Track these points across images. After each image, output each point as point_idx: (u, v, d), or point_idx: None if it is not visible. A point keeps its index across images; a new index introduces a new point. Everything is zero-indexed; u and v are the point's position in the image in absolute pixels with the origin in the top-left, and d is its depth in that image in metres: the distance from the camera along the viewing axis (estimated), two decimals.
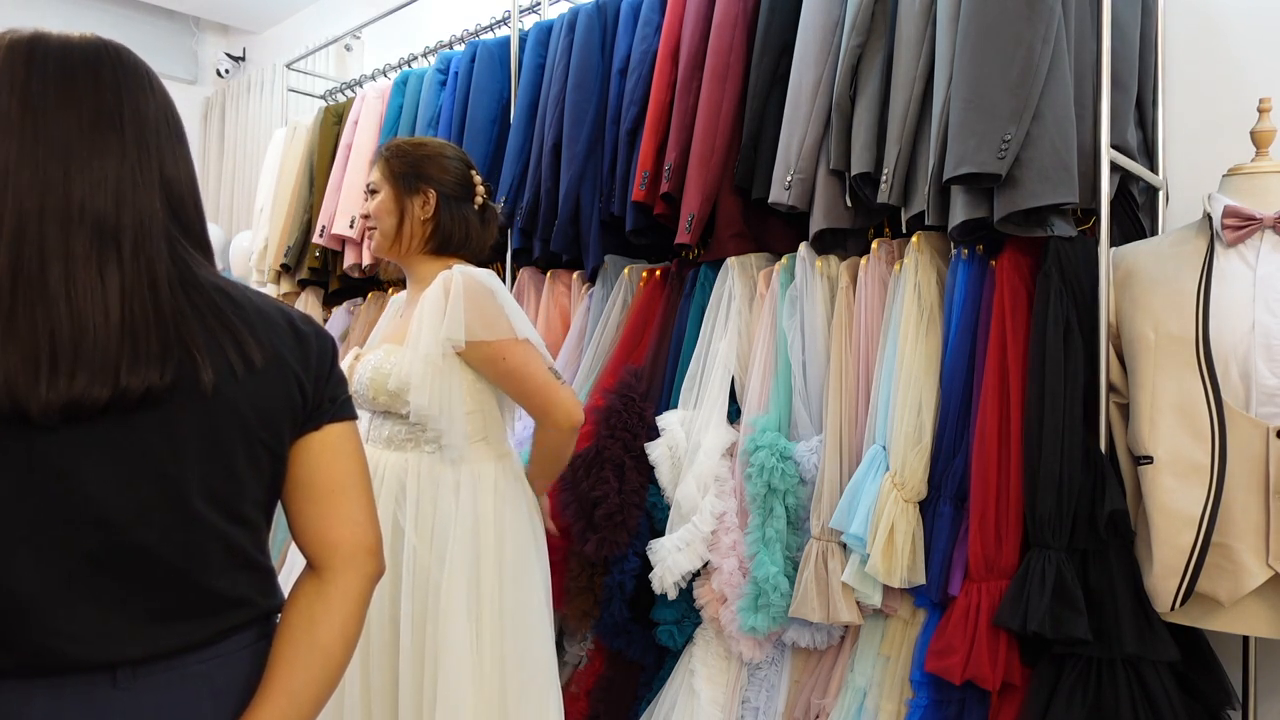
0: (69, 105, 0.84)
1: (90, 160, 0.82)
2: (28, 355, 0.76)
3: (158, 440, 0.82)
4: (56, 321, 0.77)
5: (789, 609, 1.88)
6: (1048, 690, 1.59)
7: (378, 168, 1.80)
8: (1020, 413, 1.69)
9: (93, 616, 0.81)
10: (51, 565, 0.79)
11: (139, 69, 0.91)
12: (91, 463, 0.79)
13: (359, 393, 1.71)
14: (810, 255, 2.02)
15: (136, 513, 0.81)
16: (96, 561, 0.80)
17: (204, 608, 0.87)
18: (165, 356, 0.81)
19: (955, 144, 1.65)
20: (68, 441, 0.78)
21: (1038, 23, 1.60)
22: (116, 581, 0.82)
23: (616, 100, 2.35)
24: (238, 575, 0.90)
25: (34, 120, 0.82)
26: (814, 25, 1.96)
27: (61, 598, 0.79)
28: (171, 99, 0.94)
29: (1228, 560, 1.48)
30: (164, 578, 0.84)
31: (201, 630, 0.87)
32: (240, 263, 3.93)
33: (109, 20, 4.69)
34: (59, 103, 0.83)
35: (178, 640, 0.85)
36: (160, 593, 0.84)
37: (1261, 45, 1.91)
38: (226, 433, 0.86)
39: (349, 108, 3.26)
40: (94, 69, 0.87)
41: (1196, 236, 1.62)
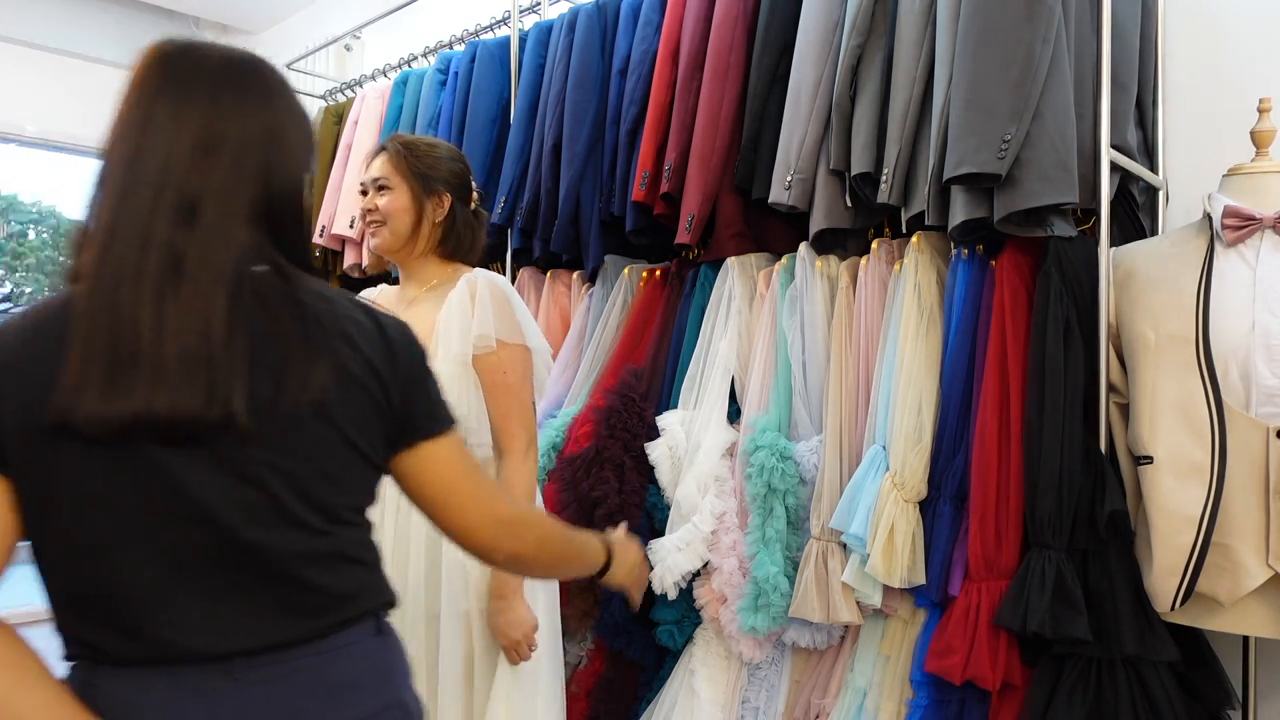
0: (179, 120, 0.86)
1: (188, 175, 0.85)
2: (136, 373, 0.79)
3: (260, 451, 0.85)
4: (165, 339, 0.80)
5: (789, 609, 1.88)
6: (1048, 690, 1.59)
7: (388, 162, 1.74)
8: (1020, 412, 1.69)
9: (207, 611, 0.85)
10: (167, 562, 0.83)
11: (263, 84, 0.92)
12: (201, 470, 0.83)
13: None
14: (810, 255, 2.02)
15: (245, 516, 0.85)
16: (209, 559, 0.85)
17: (313, 604, 0.90)
18: (263, 374, 0.84)
19: (955, 144, 1.65)
20: (179, 451, 0.82)
21: (1038, 23, 1.60)
22: (229, 578, 0.86)
23: (616, 100, 2.35)
24: (344, 572, 0.93)
25: (141, 132, 0.85)
26: (814, 25, 1.96)
27: (177, 593, 0.84)
28: (298, 112, 0.95)
29: (1228, 560, 1.48)
30: (273, 575, 0.87)
31: (311, 625, 0.90)
32: None
33: (109, 20, 4.69)
34: (170, 116, 0.86)
35: (288, 634, 0.88)
36: (271, 589, 0.88)
37: (1261, 45, 1.91)
38: (323, 443, 0.89)
39: (349, 108, 3.26)
40: (216, 87, 0.89)
41: (1196, 236, 1.62)
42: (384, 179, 1.74)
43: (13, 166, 8.81)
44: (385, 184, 1.73)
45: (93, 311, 0.80)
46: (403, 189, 1.73)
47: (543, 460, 2.20)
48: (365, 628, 0.95)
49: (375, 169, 1.75)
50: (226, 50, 0.92)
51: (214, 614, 0.85)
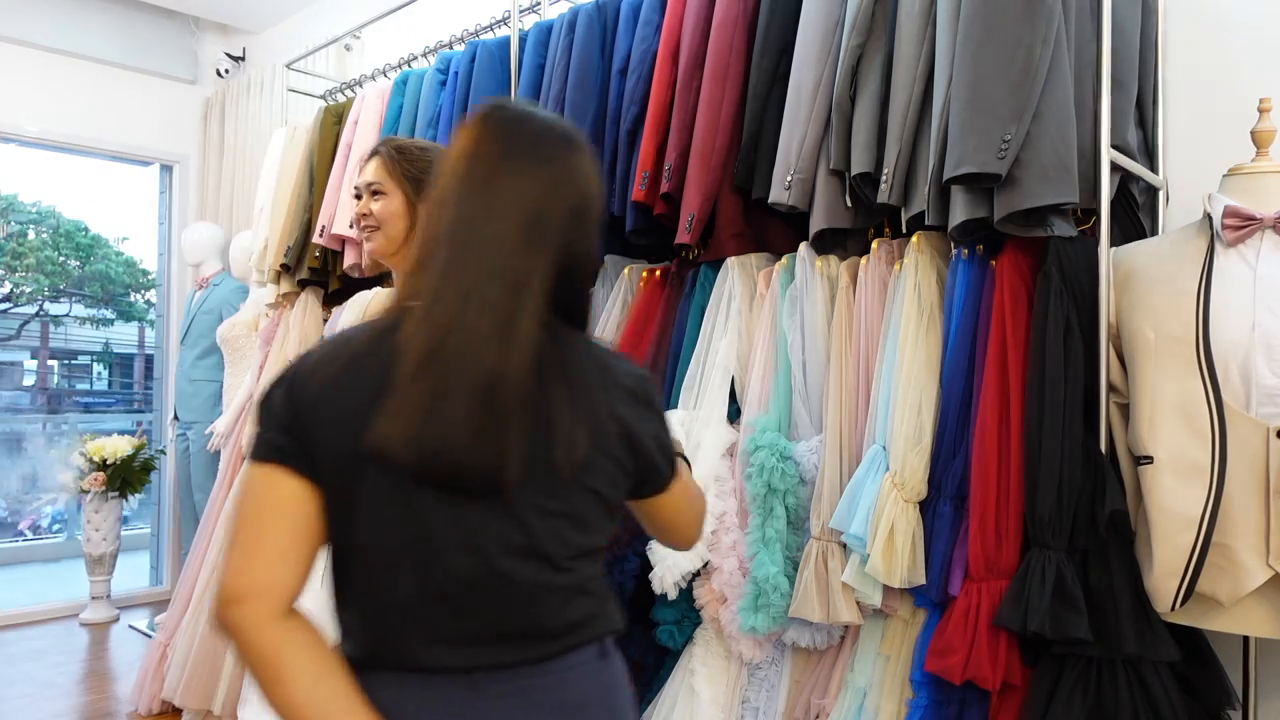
0: (511, 195, 0.95)
1: (518, 250, 0.93)
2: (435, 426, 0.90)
3: (526, 495, 0.94)
4: (474, 396, 0.90)
5: (789, 609, 1.88)
6: (1048, 690, 1.59)
7: (381, 167, 1.75)
8: (1020, 413, 1.69)
9: (458, 628, 0.95)
10: (432, 581, 0.93)
11: (583, 157, 1.00)
12: (475, 505, 0.93)
13: None
14: (810, 255, 2.02)
15: (502, 548, 0.94)
16: (466, 582, 0.94)
17: (549, 629, 0.98)
18: (537, 433, 0.94)
19: (955, 144, 1.65)
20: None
21: (1038, 23, 1.60)
22: (480, 601, 0.95)
23: (616, 100, 2.35)
24: (579, 603, 1.00)
25: (478, 198, 0.94)
26: (814, 25, 1.96)
27: (435, 609, 0.94)
28: (598, 180, 1.02)
29: (1228, 560, 1.48)
30: (518, 601, 0.96)
31: (545, 648, 0.98)
32: (240, 263, 3.93)
33: (109, 20, 4.69)
34: (505, 190, 0.95)
35: (525, 655, 0.97)
36: (514, 614, 0.96)
37: (1261, 45, 1.91)
38: (578, 494, 0.98)
39: (349, 108, 3.26)
40: (543, 162, 0.97)
41: (1196, 236, 1.62)
42: (377, 183, 1.74)
43: (13, 166, 8.81)
44: (379, 188, 1.74)
45: (421, 360, 0.90)
46: (396, 193, 1.73)
47: None
48: (591, 651, 1.02)
49: (368, 173, 1.76)
50: (548, 121, 1.00)
51: (463, 631, 0.95)
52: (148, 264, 8.54)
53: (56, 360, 9.89)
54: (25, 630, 4.26)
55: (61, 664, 3.77)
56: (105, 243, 9.17)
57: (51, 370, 9.94)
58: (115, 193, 9.14)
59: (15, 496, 8.00)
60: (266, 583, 0.91)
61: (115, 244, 9.24)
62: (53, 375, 9.98)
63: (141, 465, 4.40)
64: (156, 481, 4.89)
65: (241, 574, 0.91)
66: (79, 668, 3.74)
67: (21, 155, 5.16)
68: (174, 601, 3.30)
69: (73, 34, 4.59)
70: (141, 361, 9.90)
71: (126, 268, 9.27)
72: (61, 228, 8.97)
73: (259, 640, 0.90)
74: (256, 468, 0.95)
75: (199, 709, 2.97)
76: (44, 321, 9.40)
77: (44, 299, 9.17)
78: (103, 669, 3.75)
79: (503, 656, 0.96)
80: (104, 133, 4.73)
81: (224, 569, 0.92)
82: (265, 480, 0.94)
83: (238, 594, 0.90)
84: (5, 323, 9.16)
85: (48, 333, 9.51)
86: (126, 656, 3.88)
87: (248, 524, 0.93)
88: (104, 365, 10.33)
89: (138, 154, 4.90)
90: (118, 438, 4.37)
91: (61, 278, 9.13)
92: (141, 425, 5.42)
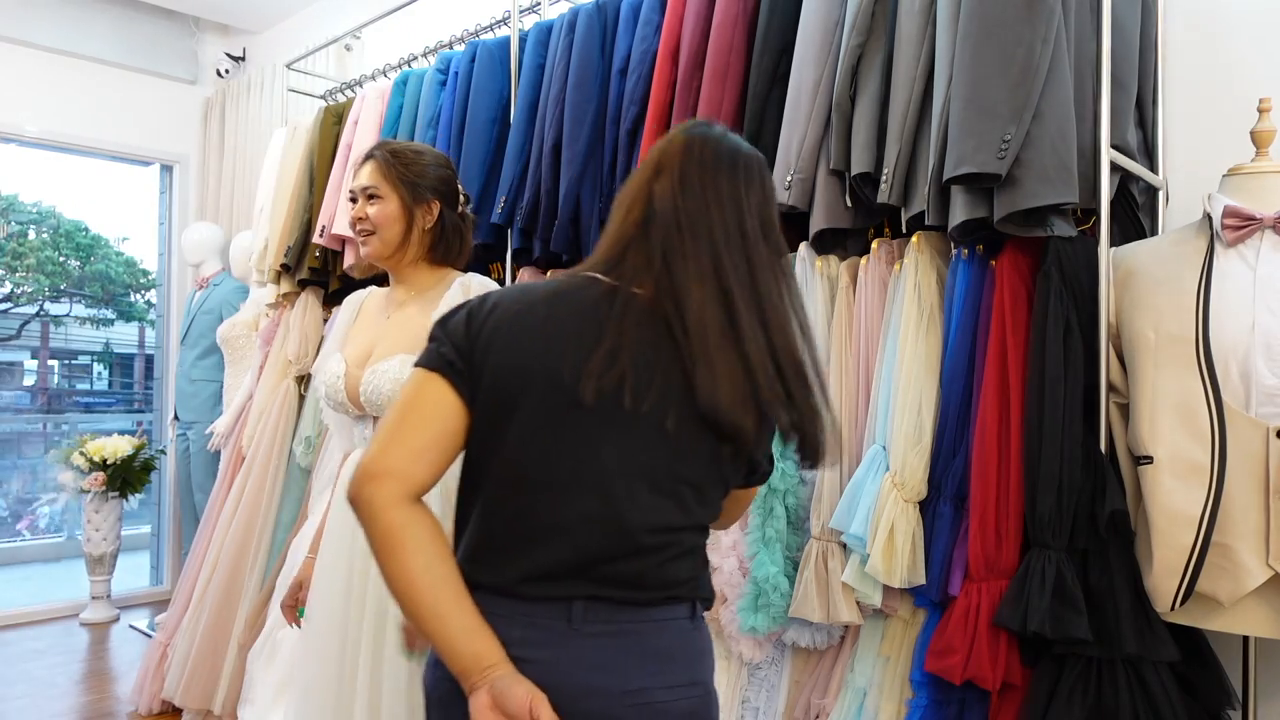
0: (745, 200, 1.12)
1: (753, 249, 1.10)
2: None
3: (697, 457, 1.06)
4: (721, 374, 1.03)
5: (789, 609, 1.88)
6: (1048, 690, 1.59)
7: (375, 171, 1.76)
8: (1020, 413, 1.69)
9: (573, 561, 1.02)
10: (560, 514, 1.02)
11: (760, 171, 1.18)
12: (630, 448, 1.04)
13: (374, 403, 1.69)
14: (810, 255, 2.02)
15: (632, 499, 1.03)
16: (592, 521, 1.02)
17: (653, 578, 1.05)
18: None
19: (955, 144, 1.65)
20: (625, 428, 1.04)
21: (1038, 22, 1.60)
22: (598, 540, 1.02)
23: (616, 100, 2.35)
24: (684, 562, 1.07)
25: (709, 198, 1.08)
26: (814, 25, 1.96)
27: (556, 541, 1.02)
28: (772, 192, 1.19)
29: (1228, 560, 1.48)
30: (632, 547, 1.03)
31: (647, 595, 1.05)
32: (240, 263, 3.93)
33: (109, 20, 4.69)
34: (732, 195, 1.11)
35: (628, 598, 1.04)
36: (627, 557, 1.03)
37: (1261, 45, 1.91)
38: (714, 469, 1.08)
39: (349, 108, 3.26)
40: (759, 178, 1.17)
41: (1196, 236, 1.62)
42: (373, 188, 1.75)
43: (13, 166, 8.82)
44: (375, 193, 1.75)
45: (644, 324, 1.03)
46: (392, 198, 1.74)
47: None
48: (683, 610, 1.08)
49: (364, 177, 1.77)
50: (739, 141, 1.18)
51: (574, 566, 1.02)
52: (148, 264, 8.54)
53: (57, 360, 9.89)
54: (25, 630, 4.26)
55: (61, 664, 3.77)
56: (105, 243, 9.18)
57: (52, 370, 9.95)
58: (115, 193, 9.14)
59: (15, 496, 8.00)
60: (401, 469, 1.00)
61: (115, 244, 9.24)
62: (53, 375, 9.99)
63: (141, 465, 4.40)
64: (156, 481, 4.89)
65: (382, 456, 1.00)
66: (79, 668, 3.74)
67: (21, 155, 5.15)
68: (174, 601, 3.30)
69: (73, 34, 4.59)
70: (141, 361, 9.90)
71: (126, 268, 9.27)
72: (62, 228, 8.97)
73: (385, 516, 0.98)
74: (423, 373, 1.05)
75: (199, 709, 2.97)
76: (44, 321, 9.41)
77: (44, 299, 9.17)
78: (103, 669, 3.75)
79: (600, 591, 1.02)
80: (104, 133, 4.73)
81: (368, 451, 1.02)
82: (427, 385, 1.04)
83: (375, 472, 0.99)
84: (5, 323, 9.17)
85: (48, 333, 9.52)
86: (126, 656, 3.88)
87: (401, 417, 1.03)
88: (104, 365, 10.33)
89: (138, 154, 4.90)
90: (118, 438, 4.37)
91: (62, 278, 9.13)
92: (141, 425, 5.42)
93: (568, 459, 1.02)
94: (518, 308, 1.06)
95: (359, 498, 0.99)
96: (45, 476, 7.27)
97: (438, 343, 1.07)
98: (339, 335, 1.87)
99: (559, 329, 1.03)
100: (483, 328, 1.05)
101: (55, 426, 8.02)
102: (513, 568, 1.02)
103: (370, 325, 1.84)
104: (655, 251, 1.06)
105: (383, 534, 0.98)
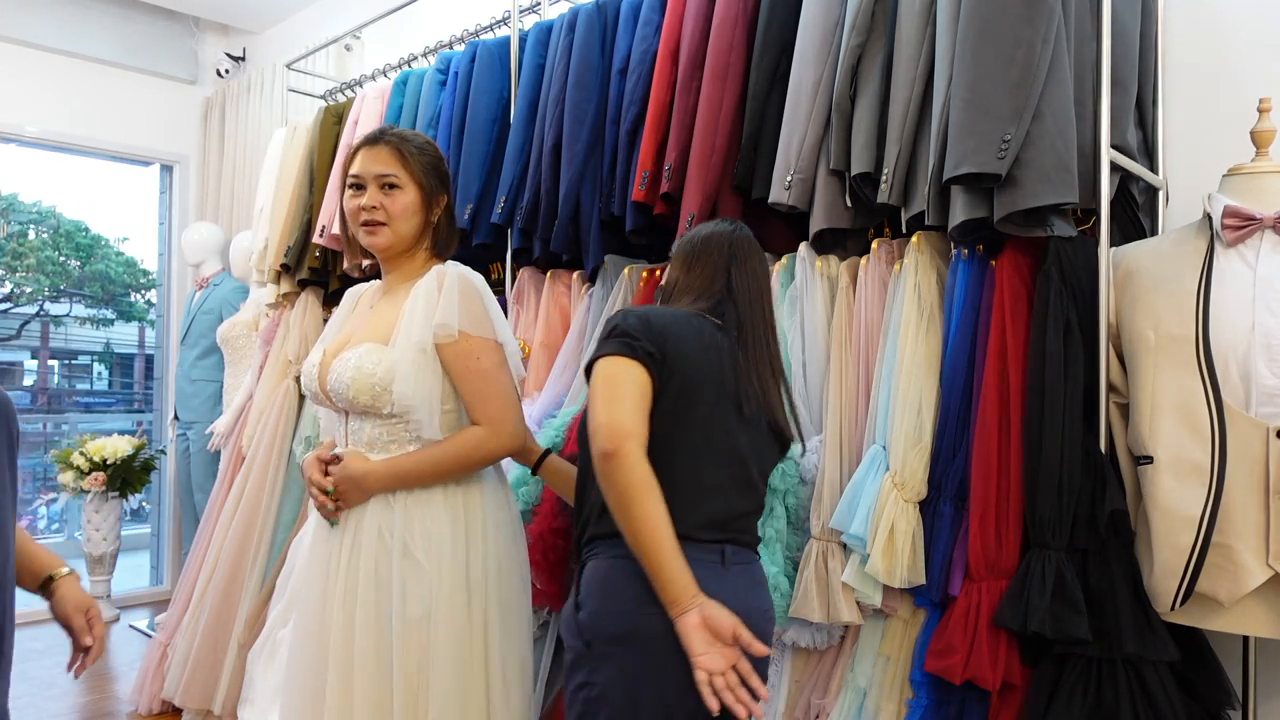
0: (761, 273, 1.60)
1: (768, 307, 1.59)
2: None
3: (766, 448, 1.53)
4: (768, 391, 1.52)
5: (789, 609, 1.88)
6: (1048, 690, 1.59)
7: (393, 158, 1.65)
8: (1020, 413, 1.69)
9: (728, 512, 1.41)
10: (725, 477, 1.41)
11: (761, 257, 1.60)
12: (757, 440, 1.49)
13: (337, 392, 1.64)
14: (810, 255, 2.02)
15: (760, 470, 1.49)
16: (740, 484, 1.44)
17: (756, 529, 1.50)
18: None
19: (955, 144, 1.65)
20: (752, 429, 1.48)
21: (1038, 23, 1.60)
22: (742, 497, 1.44)
23: (616, 100, 2.35)
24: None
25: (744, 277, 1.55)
26: (814, 25, 1.96)
27: (721, 497, 1.40)
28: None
29: (1228, 560, 1.48)
30: (756, 506, 1.49)
31: (755, 540, 1.49)
32: (240, 263, 3.93)
33: (109, 20, 4.69)
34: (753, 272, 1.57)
35: (751, 543, 1.47)
36: (752, 513, 1.48)
37: (1261, 45, 1.91)
38: (774, 456, 1.58)
39: (349, 108, 3.26)
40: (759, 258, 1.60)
41: (1196, 236, 1.62)
42: (392, 175, 1.65)
43: (13, 166, 8.82)
44: (394, 181, 1.65)
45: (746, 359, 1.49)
46: (412, 188, 1.66)
47: None
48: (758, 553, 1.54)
49: (379, 163, 1.65)
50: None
51: (728, 516, 1.40)
52: (148, 264, 8.54)
53: (57, 360, 9.90)
54: (25, 630, 4.26)
55: (61, 664, 3.76)
56: (105, 243, 9.18)
57: (52, 370, 9.95)
58: (115, 193, 9.15)
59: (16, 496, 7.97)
60: (640, 431, 1.31)
61: (115, 244, 9.25)
62: (53, 375, 9.99)
63: (141, 465, 4.40)
64: (156, 481, 4.89)
65: (625, 419, 1.29)
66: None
67: (21, 155, 5.15)
68: (174, 601, 3.30)
69: (73, 34, 4.59)
70: (141, 361, 9.91)
71: (126, 268, 9.27)
72: (62, 228, 8.97)
73: (640, 468, 1.28)
74: (622, 360, 1.35)
75: (199, 709, 2.97)
76: (44, 321, 9.41)
77: (44, 299, 9.17)
78: (103, 669, 3.75)
79: (743, 540, 1.43)
80: (104, 133, 4.73)
81: (604, 419, 1.30)
82: (630, 368, 1.34)
83: (628, 431, 1.28)
84: (5, 323, 9.17)
85: (48, 333, 9.52)
86: (126, 656, 3.89)
87: (620, 392, 1.33)
88: (104, 365, 10.34)
89: (138, 154, 4.91)
90: (118, 438, 4.37)
91: (62, 278, 9.14)
92: (141, 425, 5.42)
93: (726, 441, 1.41)
94: (679, 329, 1.41)
95: (619, 451, 1.26)
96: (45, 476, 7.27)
97: (624, 336, 1.36)
98: (330, 328, 1.84)
99: (719, 352, 1.43)
100: (664, 335, 1.38)
101: (55, 426, 8.02)
102: (691, 518, 1.34)
103: (355, 317, 1.80)
104: (738, 309, 1.51)
105: (638, 483, 1.26)
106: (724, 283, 1.51)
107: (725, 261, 1.53)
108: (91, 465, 4.25)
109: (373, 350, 1.63)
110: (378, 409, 1.62)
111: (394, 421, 1.64)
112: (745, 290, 1.51)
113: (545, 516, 2.12)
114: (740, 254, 1.54)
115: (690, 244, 1.57)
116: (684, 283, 1.54)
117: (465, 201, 2.63)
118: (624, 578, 1.33)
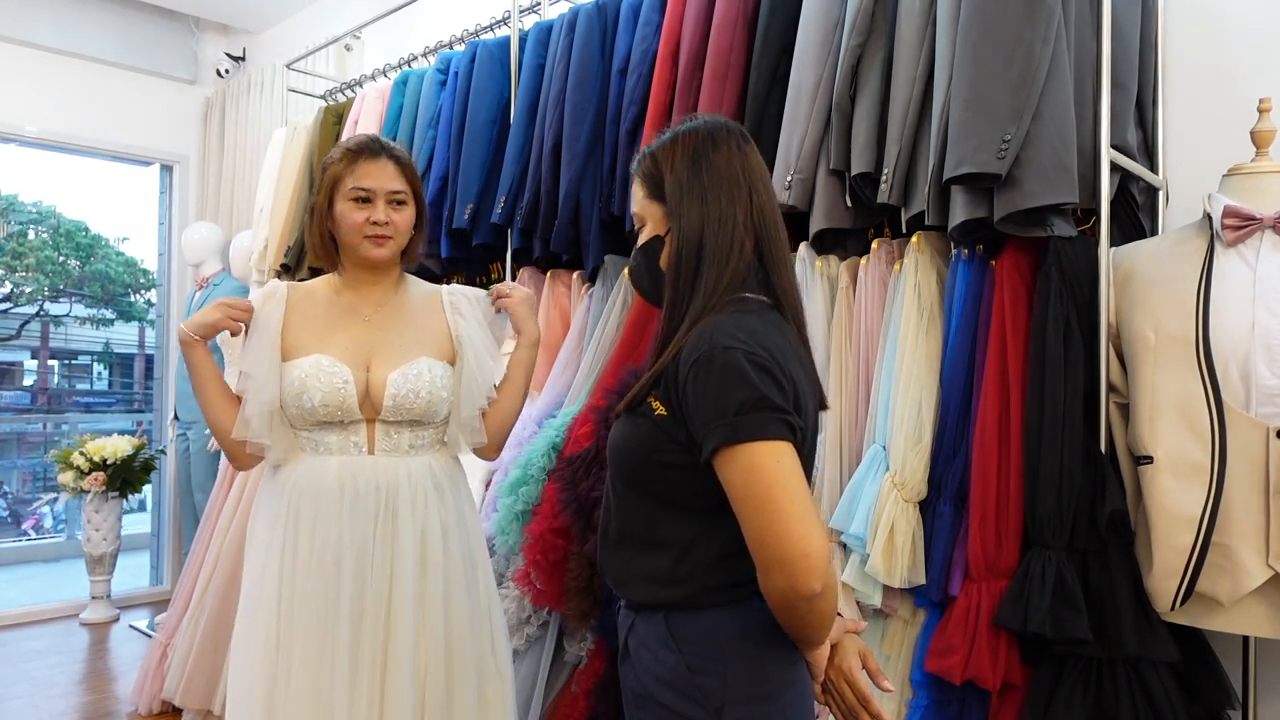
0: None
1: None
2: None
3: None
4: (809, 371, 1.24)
5: None
6: (1048, 690, 1.59)
7: (400, 176, 1.70)
8: (1020, 413, 1.69)
9: None
10: None
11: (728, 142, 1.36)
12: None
13: (402, 405, 1.65)
14: (810, 255, 2.03)
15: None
16: None
17: None
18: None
19: (955, 144, 1.65)
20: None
21: (1038, 23, 1.60)
22: None
23: (616, 100, 2.35)
24: None
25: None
26: (814, 25, 1.96)
27: None
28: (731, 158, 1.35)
29: (1228, 560, 1.48)
30: None
31: None
32: (240, 263, 3.93)
33: (109, 20, 4.69)
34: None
35: None
36: None
37: (1261, 45, 1.91)
38: None
39: (349, 108, 3.26)
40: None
41: (1196, 236, 1.62)
42: (403, 193, 1.70)
43: (13, 166, 8.82)
44: (403, 198, 1.71)
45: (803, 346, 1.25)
46: (412, 203, 1.74)
47: (543, 460, 2.20)
48: None
49: (389, 180, 1.68)
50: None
51: None
52: (148, 264, 8.54)
53: (57, 360, 9.90)
54: (25, 630, 4.27)
55: (61, 664, 3.77)
56: (105, 243, 9.19)
57: (52, 370, 9.96)
58: (115, 193, 9.15)
59: (16, 496, 8.00)
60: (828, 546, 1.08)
61: (115, 244, 9.25)
62: (53, 375, 9.99)
63: (141, 465, 4.40)
64: (156, 481, 4.89)
65: (820, 538, 1.03)
66: (79, 668, 3.74)
67: (21, 155, 5.15)
68: (174, 601, 3.30)
69: (73, 34, 4.59)
70: (141, 361, 9.91)
71: (126, 268, 9.28)
72: (62, 228, 8.97)
73: (834, 589, 1.07)
74: (789, 450, 1.06)
75: (199, 709, 2.97)
76: (44, 321, 9.42)
77: (44, 299, 9.18)
78: (103, 669, 3.75)
79: None
80: (104, 133, 4.73)
81: (807, 547, 1.02)
82: (791, 458, 1.06)
83: (826, 555, 1.04)
84: (5, 323, 9.18)
85: (48, 333, 9.53)
86: (126, 656, 3.88)
87: (805, 501, 1.05)
88: (104, 365, 10.34)
89: (138, 154, 4.91)
90: (118, 438, 4.37)
91: (62, 278, 9.14)
92: (141, 425, 5.42)
93: (811, 461, 1.19)
94: (788, 360, 1.13)
95: (829, 589, 1.04)
96: (45, 477, 7.27)
97: (782, 413, 1.07)
98: (274, 338, 1.67)
99: (801, 362, 1.19)
100: (794, 381, 1.11)
101: (55, 426, 8.02)
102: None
103: (339, 325, 1.71)
104: (778, 276, 1.24)
105: (830, 608, 1.07)
106: (753, 239, 1.23)
107: (745, 198, 1.27)
108: (91, 465, 4.25)
109: (434, 365, 1.72)
110: (428, 419, 1.72)
111: (433, 426, 1.75)
112: (775, 224, 1.27)
113: (545, 516, 2.12)
114: (759, 180, 1.33)
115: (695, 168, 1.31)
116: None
117: (465, 201, 2.63)
118: (760, 631, 1.16)
